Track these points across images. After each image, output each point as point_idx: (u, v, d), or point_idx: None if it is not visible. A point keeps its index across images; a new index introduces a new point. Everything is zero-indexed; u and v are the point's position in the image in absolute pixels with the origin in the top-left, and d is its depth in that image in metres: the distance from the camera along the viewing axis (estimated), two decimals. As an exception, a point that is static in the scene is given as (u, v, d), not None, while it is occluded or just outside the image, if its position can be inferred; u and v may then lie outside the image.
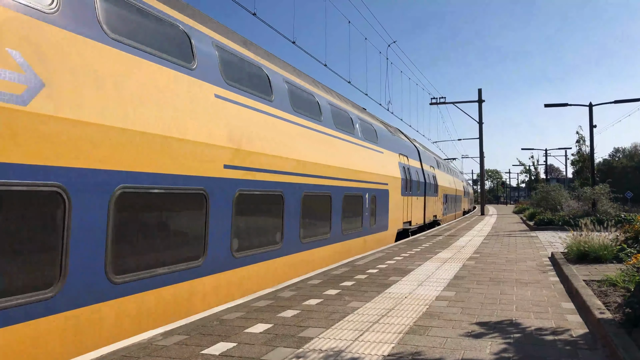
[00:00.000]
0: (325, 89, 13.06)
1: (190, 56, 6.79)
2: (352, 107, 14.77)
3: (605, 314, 5.31)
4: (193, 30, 7.05)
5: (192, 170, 6.26)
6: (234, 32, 8.93)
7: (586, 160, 45.63)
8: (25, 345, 4.22)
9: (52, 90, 4.49)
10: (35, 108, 4.29)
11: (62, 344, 4.56)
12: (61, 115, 4.52)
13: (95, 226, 4.89)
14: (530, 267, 9.85)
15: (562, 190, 32.53)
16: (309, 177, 9.94)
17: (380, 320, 5.58)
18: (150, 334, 5.00)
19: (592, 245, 9.89)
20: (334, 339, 4.85)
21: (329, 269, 9.58)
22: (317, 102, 11.35)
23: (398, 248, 13.55)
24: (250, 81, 8.37)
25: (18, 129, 4.15)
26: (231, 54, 7.99)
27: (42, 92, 4.39)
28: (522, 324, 5.41)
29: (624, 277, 6.93)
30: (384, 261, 10.72)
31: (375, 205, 14.56)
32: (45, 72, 4.46)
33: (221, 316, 5.77)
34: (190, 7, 7.58)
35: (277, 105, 9.13)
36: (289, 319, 5.63)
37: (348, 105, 14.35)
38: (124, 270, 5.25)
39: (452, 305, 6.35)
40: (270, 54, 10.20)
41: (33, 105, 4.27)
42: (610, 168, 75.51)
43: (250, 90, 8.25)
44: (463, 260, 10.97)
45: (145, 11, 6.15)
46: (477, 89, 39.56)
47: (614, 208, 23.79)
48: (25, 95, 4.23)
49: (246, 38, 9.35)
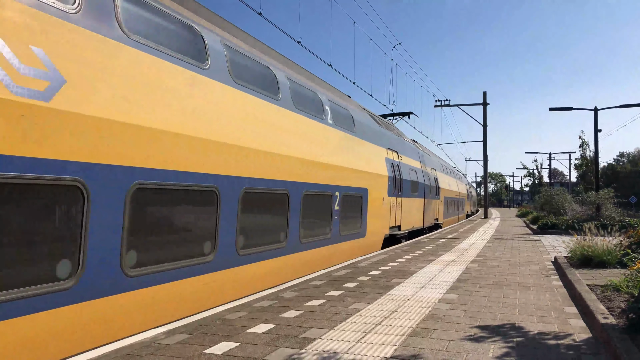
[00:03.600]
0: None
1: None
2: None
3: (609, 319, 5.29)
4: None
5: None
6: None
7: (590, 164, 45.52)
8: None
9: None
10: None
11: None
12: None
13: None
14: (534, 271, 9.82)
15: (566, 194, 32.43)
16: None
17: (382, 322, 5.58)
18: (154, 333, 5.02)
19: (595, 249, 9.85)
20: (336, 340, 4.85)
21: (332, 270, 9.58)
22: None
23: (401, 250, 13.54)
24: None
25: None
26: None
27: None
28: (524, 328, 5.40)
29: (628, 282, 6.91)
30: (387, 263, 10.72)
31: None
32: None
33: (224, 316, 5.78)
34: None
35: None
36: (291, 320, 5.63)
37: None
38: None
39: (454, 308, 6.35)
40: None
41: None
42: (615, 172, 75.26)
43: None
44: (466, 263, 10.95)
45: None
46: (482, 92, 39.49)
47: (618, 213, 23.71)
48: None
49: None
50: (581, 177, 61.25)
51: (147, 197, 5.53)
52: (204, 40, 7.02)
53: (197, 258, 6.37)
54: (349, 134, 12.67)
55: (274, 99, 8.89)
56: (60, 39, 4.59)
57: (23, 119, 4.10)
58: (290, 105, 9.54)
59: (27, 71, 4.19)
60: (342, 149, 11.92)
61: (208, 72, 6.88)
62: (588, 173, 50.40)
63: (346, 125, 12.63)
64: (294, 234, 9.16)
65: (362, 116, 14.63)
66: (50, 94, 4.36)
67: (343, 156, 11.81)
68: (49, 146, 4.33)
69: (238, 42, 8.31)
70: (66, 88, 4.53)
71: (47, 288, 4.35)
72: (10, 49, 4.09)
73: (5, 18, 4.14)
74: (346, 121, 12.76)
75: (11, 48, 4.10)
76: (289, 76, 9.97)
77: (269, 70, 9.14)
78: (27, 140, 4.14)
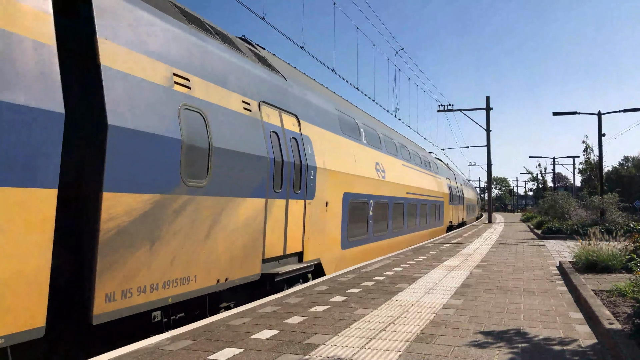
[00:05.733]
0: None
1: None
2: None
3: (615, 325, 5.26)
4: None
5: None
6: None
7: (594, 169, 45.38)
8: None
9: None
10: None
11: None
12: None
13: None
14: (538, 276, 9.78)
15: (570, 198, 32.32)
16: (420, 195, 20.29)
17: (387, 328, 5.57)
18: (157, 339, 5.01)
19: (600, 254, 9.81)
20: (340, 346, 4.84)
21: (336, 275, 9.57)
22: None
23: (405, 255, 13.51)
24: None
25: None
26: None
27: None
28: (529, 334, 5.38)
29: (634, 287, 6.87)
30: (391, 268, 10.69)
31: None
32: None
33: (228, 321, 5.78)
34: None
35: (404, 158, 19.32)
36: (295, 326, 5.62)
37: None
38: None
39: (459, 314, 6.32)
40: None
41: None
42: (619, 177, 74.93)
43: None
44: (470, 268, 10.91)
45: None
46: (485, 97, 39.51)
47: (623, 217, 23.61)
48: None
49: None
50: (585, 182, 61.05)
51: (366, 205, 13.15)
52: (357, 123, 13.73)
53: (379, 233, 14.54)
54: (435, 173, 25.65)
55: (408, 160, 19.51)
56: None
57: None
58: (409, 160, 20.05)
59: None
60: (432, 182, 23.96)
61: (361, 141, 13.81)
62: (592, 177, 50.21)
63: (434, 168, 25.78)
64: (428, 220, 22.25)
65: (436, 161, 29.16)
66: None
67: (434, 185, 24.32)
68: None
69: (363, 116, 15.95)
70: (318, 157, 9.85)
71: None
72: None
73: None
74: (432, 166, 25.59)
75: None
76: (402, 142, 20.25)
77: (392, 139, 17.91)
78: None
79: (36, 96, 4.14)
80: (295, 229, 9.02)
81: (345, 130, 12.45)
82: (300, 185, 9.19)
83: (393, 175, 16.22)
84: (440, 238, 21.07)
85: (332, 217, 10.75)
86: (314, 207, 9.78)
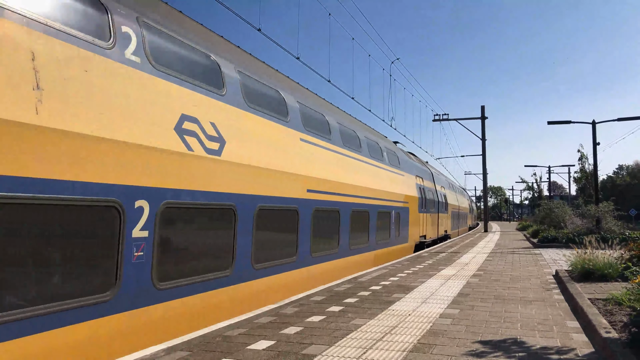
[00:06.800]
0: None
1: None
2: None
3: (611, 333, 5.26)
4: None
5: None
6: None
7: (589, 177, 45.57)
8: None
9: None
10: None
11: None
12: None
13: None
14: (535, 285, 9.78)
15: (566, 207, 32.41)
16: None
17: (383, 338, 5.55)
18: (153, 350, 4.98)
19: (596, 263, 9.82)
20: (337, 357, 4.81)
21: (332, 285, 9.54)
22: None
23: (401, 264, 13.49)
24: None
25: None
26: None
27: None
28: (526, 343, 5.37)
29: (630, 296, 6.87)
30: (387, 278, 10.67)
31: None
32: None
33: (224, 332, 5.74)
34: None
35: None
36: (292, 336, 5.60)
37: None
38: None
39: (456, 323, 6.31)
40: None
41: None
42: (614, 185, 75.30)
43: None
44: (467, 277, 10.91)
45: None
46: (480, 106, 39.69)
47: (618, 226, 23.67)
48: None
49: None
50: (581, 190, 61.26)
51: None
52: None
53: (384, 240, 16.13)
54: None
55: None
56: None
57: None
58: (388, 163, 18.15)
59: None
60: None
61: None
62: (587, 186, 50.45)
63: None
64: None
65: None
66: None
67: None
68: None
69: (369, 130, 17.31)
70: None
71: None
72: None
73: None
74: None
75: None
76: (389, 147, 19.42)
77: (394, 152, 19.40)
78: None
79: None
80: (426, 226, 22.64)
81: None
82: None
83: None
84: (437, 247, 20.89)
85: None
86: (427, 217, 23.15)
